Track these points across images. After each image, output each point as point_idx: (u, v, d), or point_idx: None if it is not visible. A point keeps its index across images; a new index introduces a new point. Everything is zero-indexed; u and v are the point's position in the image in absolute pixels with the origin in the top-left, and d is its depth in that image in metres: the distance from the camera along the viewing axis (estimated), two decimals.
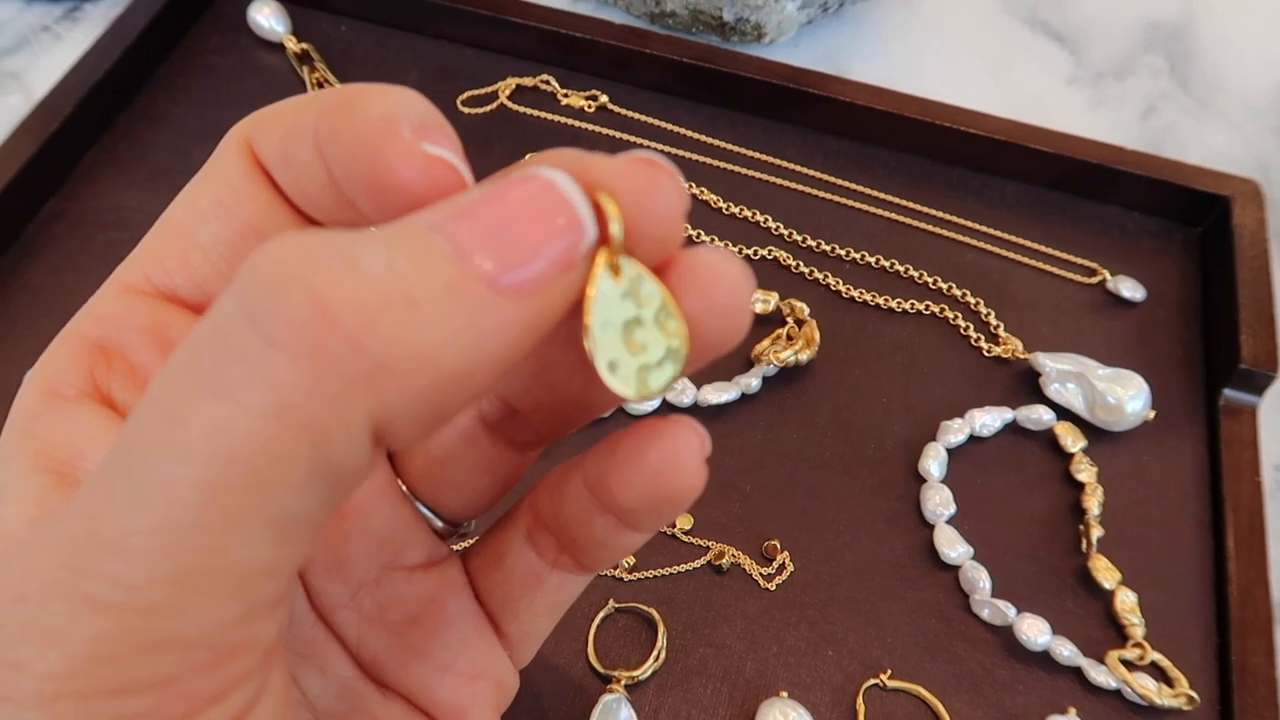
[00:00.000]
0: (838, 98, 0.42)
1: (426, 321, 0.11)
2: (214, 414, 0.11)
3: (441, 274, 0.11)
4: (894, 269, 0.40)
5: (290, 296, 0.11)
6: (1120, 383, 0.36)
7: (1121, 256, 0.41)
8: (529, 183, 0.12)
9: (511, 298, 0.12)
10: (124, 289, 0.16)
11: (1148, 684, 0.31)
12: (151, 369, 0.16)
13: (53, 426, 0.15)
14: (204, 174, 0.16)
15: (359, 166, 0.13)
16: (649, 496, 0.15)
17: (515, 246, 0.12)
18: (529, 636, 0.19)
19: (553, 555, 0.18)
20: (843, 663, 0.31)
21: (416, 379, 0.11)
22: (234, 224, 0.16)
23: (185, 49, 0.45)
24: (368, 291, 0.11)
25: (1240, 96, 0.49)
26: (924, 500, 0.34)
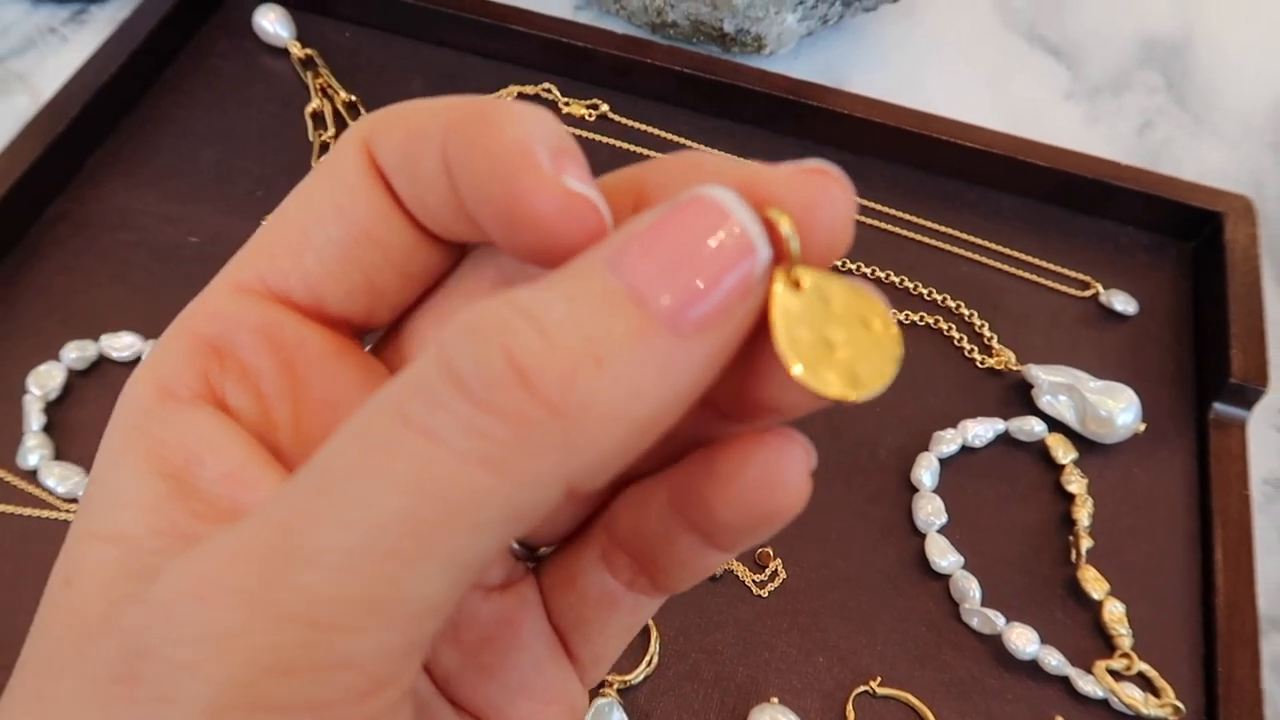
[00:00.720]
0: (836, 109, 0.43)
1: (616, 378, 0.11)
2: (425, 452, 0.11)
3: (624, 323, 0.11)
4: (889, 280, 0.41)
5: (491, 361, 0.11)
6: (1111, 395, 0.36)
7: (1115, 270, 0.41)
8: (695, 206, 0.12)
9: (694, 334, 0.12)
10: (236, 287, 0.16)
11: (1134, 694, 0.31)
12: (263, 371, 0.16)
13: (167, 428, 0.15)
14: (320, 171, 0.16)
15: (492, 191, 0.13)
16: (750, 514, 0.14)
17: (691, 279, 0.12)
18: (600, 659, 0.18)
19: (628, 576, 0.17)
20: (833, 669, 0.32)
21: (610, 432, 0.11)
22: (349, 227, 0.15)
23: (191, 53, 0.45)
24: (559, 355, 0.11)
25: (1236, 113, 0.50)
26: (916, 509, 0.35)
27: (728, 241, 0.12)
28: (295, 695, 0.11)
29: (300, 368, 0.16)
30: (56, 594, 0.14)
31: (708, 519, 0.15)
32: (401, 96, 0.46)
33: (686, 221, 0.12)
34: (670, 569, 0.17)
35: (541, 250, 0.13)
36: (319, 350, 0.16)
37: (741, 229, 0.12)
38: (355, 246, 0.15)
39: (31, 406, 0.34)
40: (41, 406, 0.35)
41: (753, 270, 0.12)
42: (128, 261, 0.39)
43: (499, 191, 0.13)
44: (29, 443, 0.34)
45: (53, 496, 0.33)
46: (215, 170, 0.42)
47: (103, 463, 0.15)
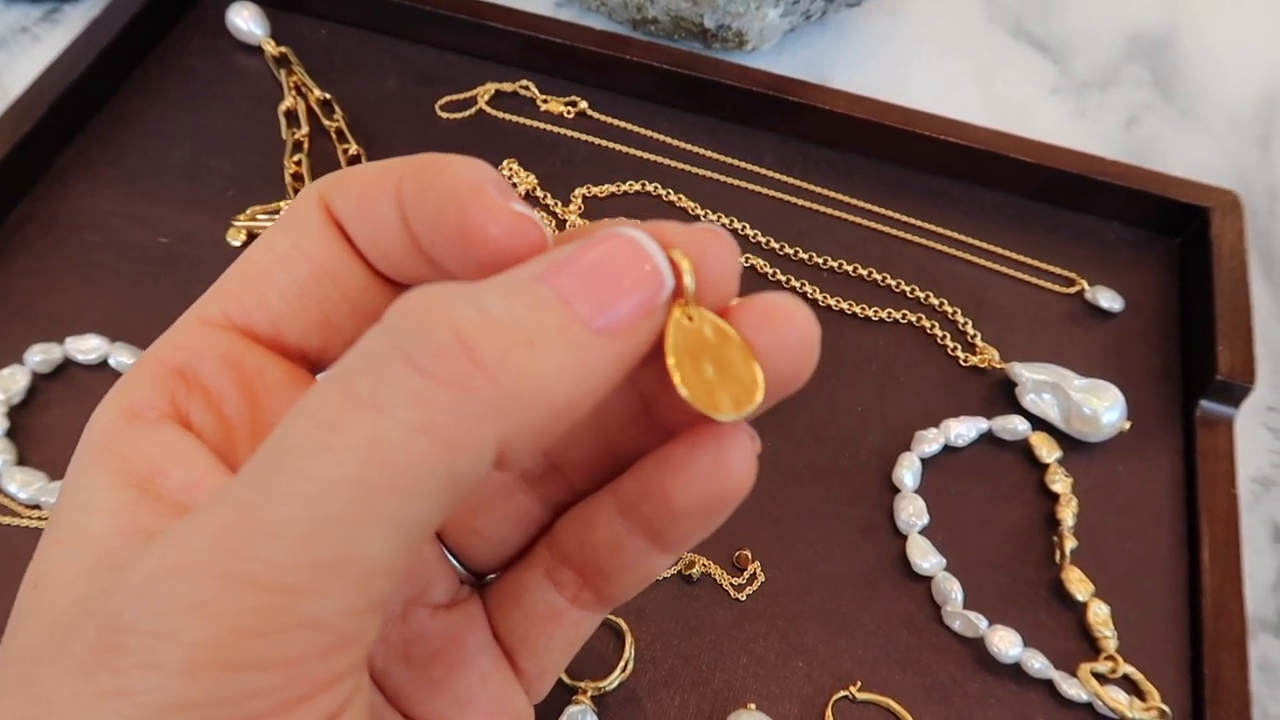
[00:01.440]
0: (819, 105, 0.42)
1: (543, 358, 0.13)
2: (371, 424, 0.12)
3: (551, 318, 0.13)
4: (871, 277, 0.40)
5: (438, 334, 0.13)
6: (1096, 393, 0.35)
7: (1100, 267, 0.41)
8: (614, 240, 0.14)
9: (606, 338, 0.14)
10: (202, 321, 0.17)
11: (1120, 697, 0.30)
12: (226, 394, 0.17)
13: (133, 444, 0.16)
14: (281, 222, 0.18)
15: (446, 222, 0.15)
16: (704, 497, 0.16)
17: (606, 293, 0.14)
18: (545, 672, 0.20)
19: (572, 592, 0.19)
20: (812, 674, 0.31)
21: (535, 407, 0.13)
22: (309, 267, 0.17)
23: (163, 51, 0.44)
24: (498, 332, 0.13)
25: (1223, 108, 0.49)
26: (897, 510, 0.34)
27: (639, 267, 0.14)
28: (265, 654, 0.12)
29: (259, 393, 0.17)
30: (26, 598, 0.15)
31: (664, 508, 0.16)
32: (377, 94, 0.46)
33: (606, 249, 0.14)
34: (616, 576, 0.18)
35: (492, 269, 0.15)
36: (277, 379, 0.18)
37: (650, 259, 0.14)
38: (314, 284, 0.17)
39: None
40: (4, 410, 0.34)
41: (657, 294, 0.14)
42: (95, 263, 0.38)
43: (454, 219, 0.15)
44: None
45: (14, 503, 0.32)
46: (186, 169, 0.41)
47: (70, 481, 0.16)
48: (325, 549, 0.12)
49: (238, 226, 0.39)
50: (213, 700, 0.12)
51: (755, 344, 0.15)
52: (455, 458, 0.13)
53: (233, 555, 0.12)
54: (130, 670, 0.12)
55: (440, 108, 0.44)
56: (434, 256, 0.16)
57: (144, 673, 0.12)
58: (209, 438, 0.17)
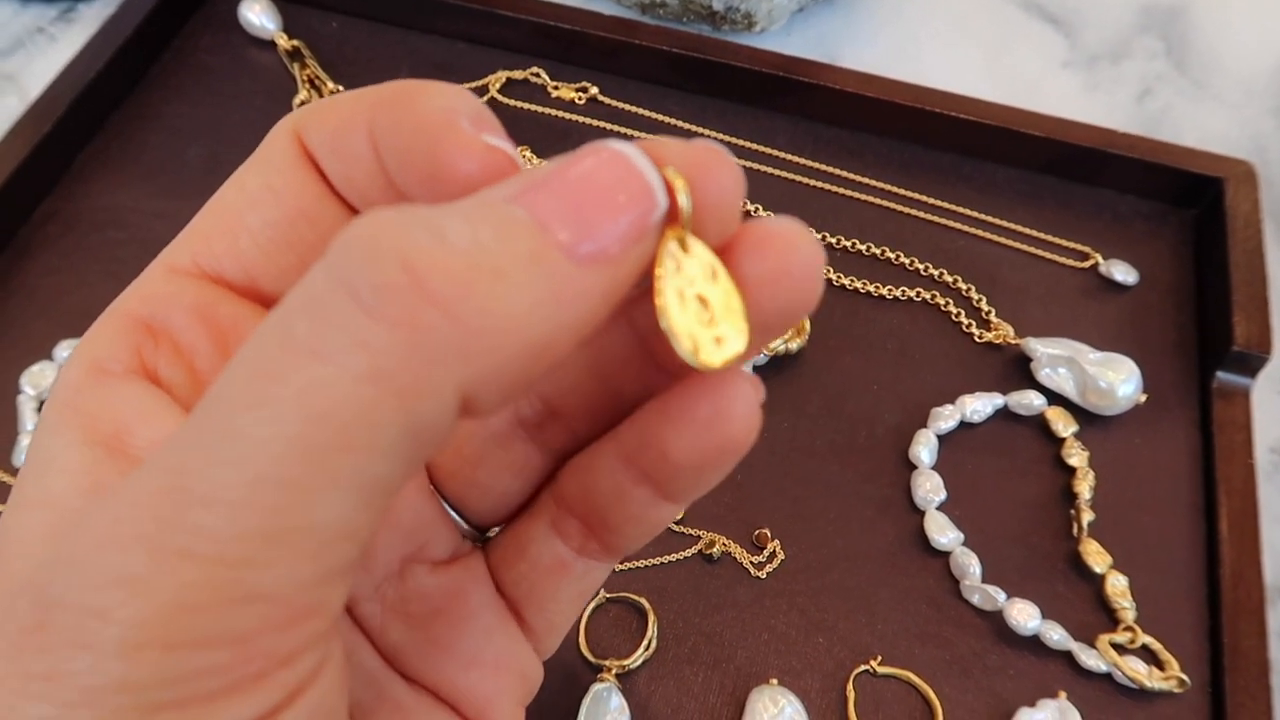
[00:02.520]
0: (829, 85, 0.42)
1: (513, 290, 0.11)
2: (311, 374, 0.11)
3: (523, 244, 0.12)
4: (885, 256, 0.40)
5: (385, 266, 0.11)
6: (1112, 367, 0.35)
7: (1114, 240, 0.41)
8: (599, 154, 0.13)
9: (589, 266, 0.12)
10: (170, 270, 0.16)
11: (1138, 667, 0.31)
12: (197, 348, 0.16)
13: (99, 401, 0.15)
14: (252, 161, 0.16)
15: (416, 157, 0.14)
16: (703, 450, 0.14)
17: (590, 216, 0.12)
18: (554, 627, 0.19)
19: (579, 542, 0.18)
20: (833, 649, 0.32)
21: (504, 346, 0.11)
22: (282, 208, 0.16)
23: (177, 48, 0.45)
24: (457, 261, 0.11)
25: (1237, 78, 0.49)
26: (914, 487, 0.34)
27: (626, 186, 0.13)
28: (210, 630, 0.11)
29: (234, 344, 0.16)
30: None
31: (662, 462, 0.15)
32: None
33: (589, 166, 0.13)
34: (622, 527, 0.17)
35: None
36: (252, 327, 0.16)
37: (640, 175, 0.13)
38: (289, 226, 0.16)
39: (26, 406, 0.34)
40: (36, 406, 0.35)
41: (647, 216, 0.13)
42: (118, 259, 0.39)
43: (423, 154, 0.14)
44: (24, 443, 0.34)
45: None
46: (204, 165, 0.41)
47: (35, 442, 0.15)
48: (270, 518, 0.11)
49: None
50: (156, 681, 0.11)
51: (752, 274, 0.14)
52: (411, 408, 0.11)
53: (165, 526, 0.11)
54: (58, 650, 0.11)
55: None
56: (407, 193, 0.14)
57: (74, 653, 0.11)
58: (179, 394, 0.16)
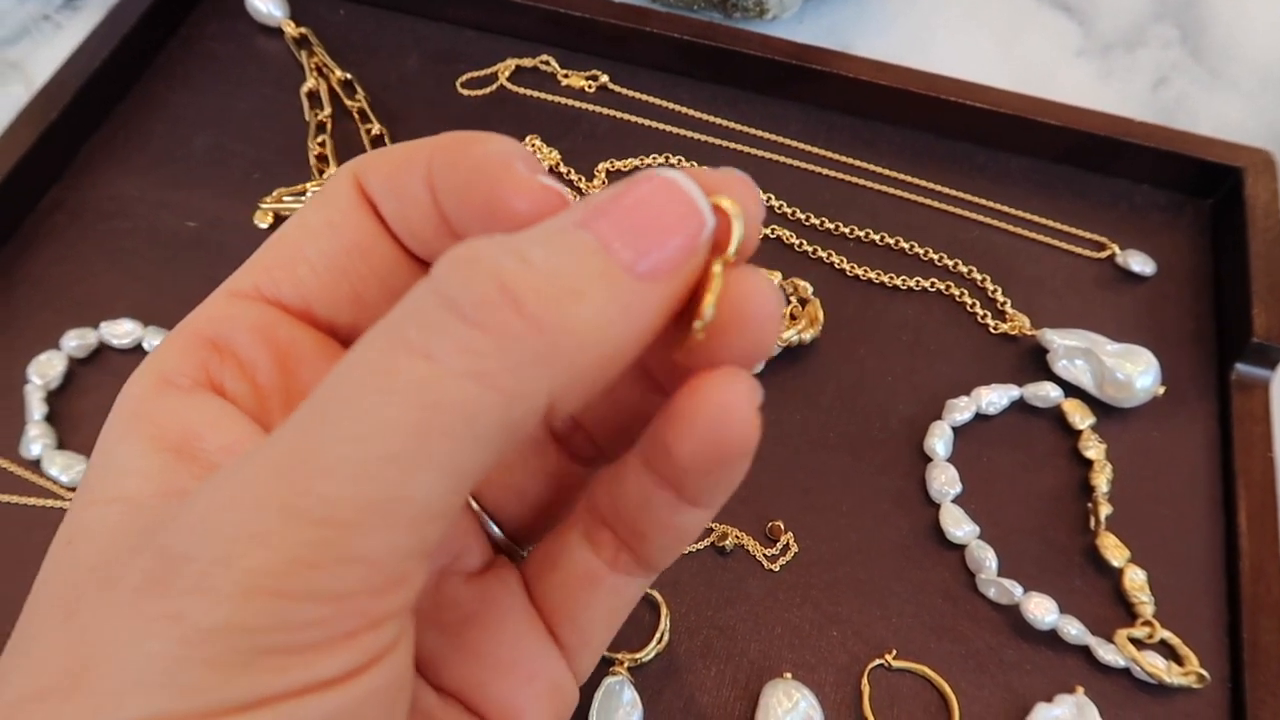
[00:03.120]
0: (841, 74, 0.42)
1: (588, 306, 0.13)
2: (423, 370, 0.13)
3: (593, 265, 0.13)
4: (899, 246, 0.40)
5: (484, 285, 0.13)
6: (1129, 358, 0.35)
7: (1131, 230, 0.40)
8: (651, 181, 0.14)
9: (648, 281, 0.14)
10: (233, 294, 0.17)
11: (1157, 662, 0.30)
12: (259, 364, 0.17)
13: (167, 411, 0.16)
14: (314, 199, 0.18)
15: (474, 195, 0.16)
16: (704, 450, 0.15)
17: (647, 236, 0.14)
18: (588, 645, 0.19)
19: (611, 553, 0.18)
20: (847, 643, 0.31)
21: (583, 355, 0.13)
22: (339, 242, 0.17)
23: (184, 36, 0.45)
24: (542, 281, 0.13)
25: (1254, 66, 0.48)
26: (929, 479, 0.34)
27: (678, 208, 0.14)
28: (319, 585, 0.12)
29: (292, 363, 0.17)
30: (59, 553, 0.15)
31: (671, 464, 0.16)
32: (398, 73, 0.46)
33: (643, 192, 0.14)
34: (650, 534, 0.17)
35: None
36: (310, 348, 0.18)
37: (690, 199, 0.14)
38: (344, 258, 0.17)
39: (33, 396, 0.34)
40: (43, 395, 0.34)
41: (698, 234, 0.14)
42: (125, 248, 0.38)
43: (482, 194, 0.15)
44: (31, 432, 0.34)
45: (57, 486, 0.33)
46: (211, 154, 0.41)
47: (102, 449, 0.16)
48: (379, 488, 0.12)
49: (264, 209, 0.39)
50: (265, 626, 0.12)
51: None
52: (507, 404, 0.13)
53: (290, 490, 0.12)
54: (183, 595, 0.12)
55: (461, 85, 0.44)
56: (462, 232, 0.16)
57: (197, 597, 0.12)
58: (244, 405, 0.17)
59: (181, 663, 0.12)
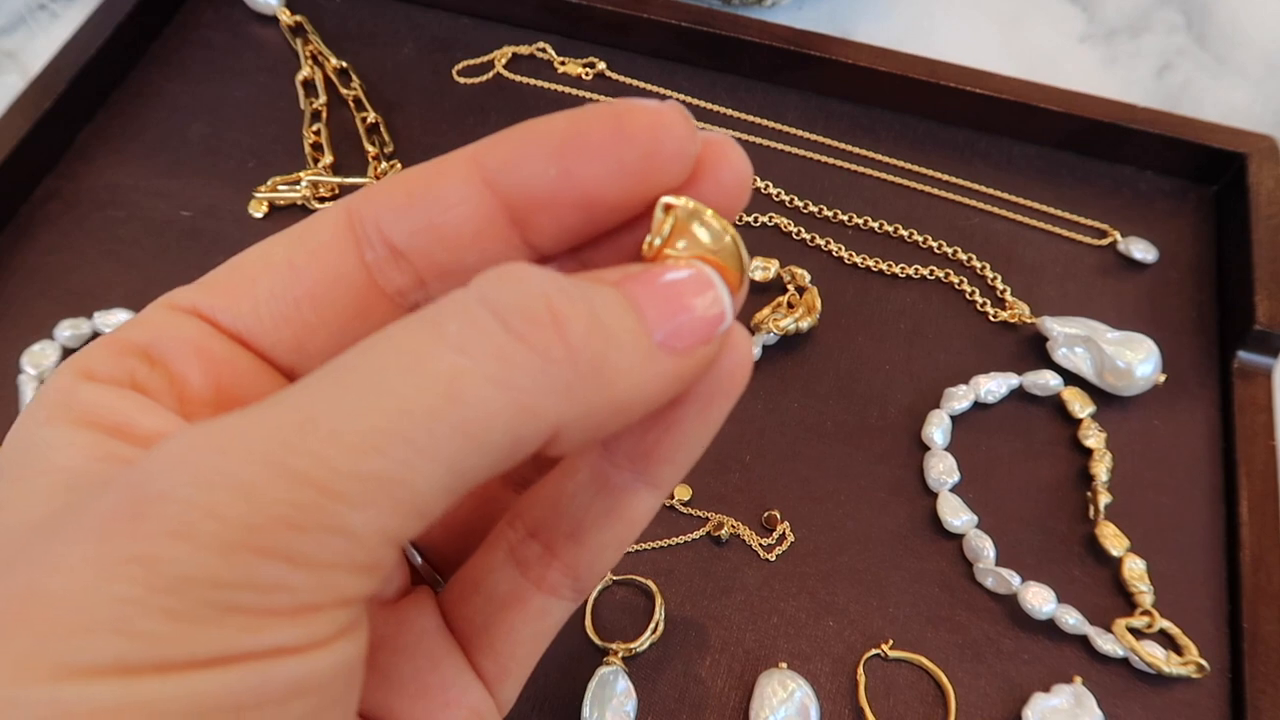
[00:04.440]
0: (841, 60, 0.41)
1: (617, 355, 0.14)
2: (455, 363, 0.13)
3: (627, 321, 0.14)
4: (898, 234, 0.39)
5: (533, 300, 0.13)
6: (1130, 346, 0.35)
7: (1133, 217, 0.40)
8: (686, 267, 0.15)
9: (666, 353, 0.14)
10: (171, 308, 0.17)
11: (1156, 652, 0.30)
12: (189, 377, 0.16)
13: (93, 398, 0.15)
14: (290, 230, 0.17)
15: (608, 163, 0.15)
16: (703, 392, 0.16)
17: (673, 312, 0.14)
18: (509, 673, 0.18)
19: (539, 571, 0.18)
20: (843, 633, 0.31)
21: (599, 397, 0.14)
22: (298, 284, 0.16)
23: (179, 24, 0.44)
24: (585, 318, 0.13)
25: (1260, 51, 0.48)
26: (927, 468, 0.34)
27: (706, 300, 0.15)
28: (299, 549, 0.12)
29: (225, 381, 0.16)
30: None
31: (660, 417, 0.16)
32: (394, 61, 0.45)
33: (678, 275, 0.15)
34: (595, 531, 0.17)
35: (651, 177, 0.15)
36: (247, 369, 0.17)
37: (718, 298, 0.15)
38: (293, 304, 0.16)
39: (26, 386, 0.34)
40: (36, 386, 0.34)
41: (716, 328, 0.15)
42: (119, 238, 0.38)
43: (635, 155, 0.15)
44: None
45: None
46: (206, 143, 0.41)
47: (22, 433, 0.15)
48: (383, 465, 0.12)
49: (259, 198, 0.39)
50: (239, 582, 0.12)
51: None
52: (521, 421, 0.13)
53: (288, 449, 0.12)
54: (155, 537, 0.12)
55: (457, 73, 0.43)
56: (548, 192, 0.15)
57: (173, 542, 0.12)
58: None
59: (145, 609, 0.11)
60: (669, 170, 0.15)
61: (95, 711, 0.11)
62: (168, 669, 0.11)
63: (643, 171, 0.15)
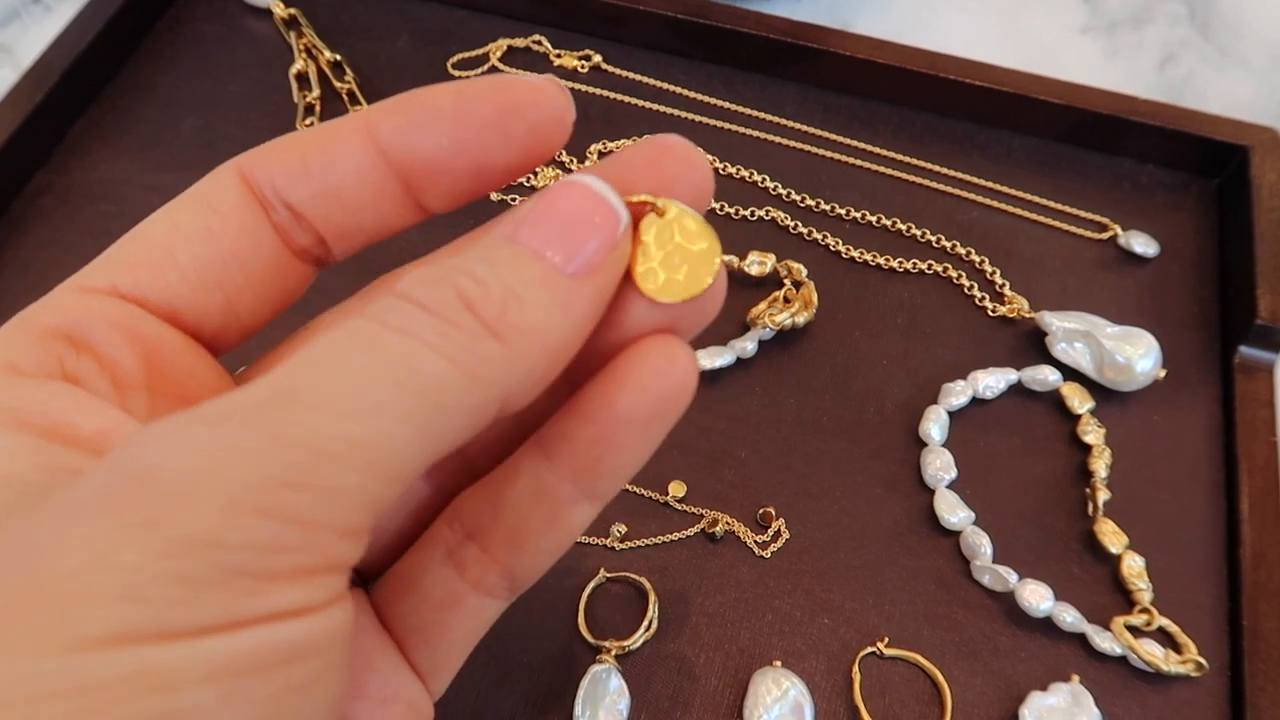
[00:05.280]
0: (839, 52, 0.41)
1: (533, 308, 0.15)
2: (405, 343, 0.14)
3: (530, 272, 0.15)
4: (895, 228, 0.39)
5: (444, 293, 0.14)
6: (1130, 341, 0.34)
7: (1134, 211, 0.39)
8: (568, 188, 0.16)
9: (580, 279, 0.15)
10: (84, 290, 0.16)
11: (1155, 650, 0.30)
12: (121, 361, 0.16)
13: (23, 397, 0.15)
14: (190, 199, 0.17)
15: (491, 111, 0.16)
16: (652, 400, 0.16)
17: (571, 239, 0.15)
18: (440, 669, 0.18)
19: (477, 573, 0.18)
20: (839, 631, 0.31)
21: (533, 350, 0.14)
22: (217, 249, 0.17)
23: (172, 18, 0.44)
24: (491, 294, 0.14)
25: (1263, 43, 0.47)
26: (924, 465, 0.33)
27: (598, 211, 0.15)
28: (297, 508, 0.12)
29: (157, 362, 0.17)
30: None
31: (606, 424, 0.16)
32: (388, 54, 0.45)
33: (564, 200, 0.15)
34: (534, 537, 0.17)
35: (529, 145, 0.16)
36: (176, 348, 0.17)
37: (604, 201, 0.16)
38: (220, 268, 0.17)
39: None
40: None
41: (615, 230, 0.16)
42: (111, 232, 0.37)
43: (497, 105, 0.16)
44: None
45: None
46: (199, 137, 0.41)
47: None
48: (363, 430, 0.13)
49: None
50: (241, 543, 0.12)
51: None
52: (471, 388, 0.14)
53: (280, 418, 0.13)
54: (159, 503, 0.12)
55: (452, 66, 0.43)
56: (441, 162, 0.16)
57: (178, 505, 0.12)
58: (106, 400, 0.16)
59: (154, 575, 0.11)
60: (552, 139, 0.16)
61: (110, 681, 0.11)
62: (178, 635, 0.11)
63: (529, 142, 0.16)
